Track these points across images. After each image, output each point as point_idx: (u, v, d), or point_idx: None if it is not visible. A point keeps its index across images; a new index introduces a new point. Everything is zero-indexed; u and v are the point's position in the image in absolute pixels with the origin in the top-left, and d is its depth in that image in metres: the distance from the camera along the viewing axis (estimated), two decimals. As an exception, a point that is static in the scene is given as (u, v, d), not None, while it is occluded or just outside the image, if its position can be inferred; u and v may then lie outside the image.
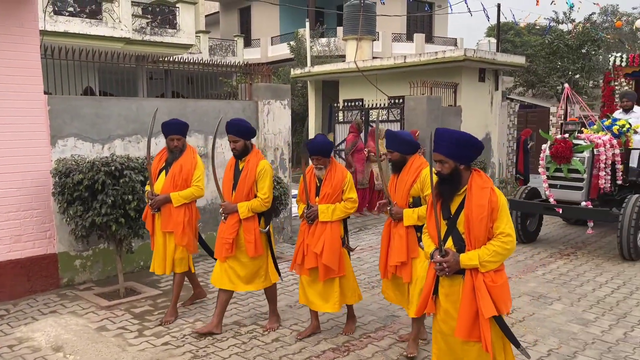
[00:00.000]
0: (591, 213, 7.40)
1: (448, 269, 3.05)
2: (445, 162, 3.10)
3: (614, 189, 7.83)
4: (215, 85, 8.91)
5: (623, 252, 7.08)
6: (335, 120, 13.39)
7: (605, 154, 7.37)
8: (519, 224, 8.07)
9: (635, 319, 5.17)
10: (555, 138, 7.49)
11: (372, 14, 16.48)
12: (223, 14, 31.17)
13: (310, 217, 4.60)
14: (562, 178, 7.50)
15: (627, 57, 9.92)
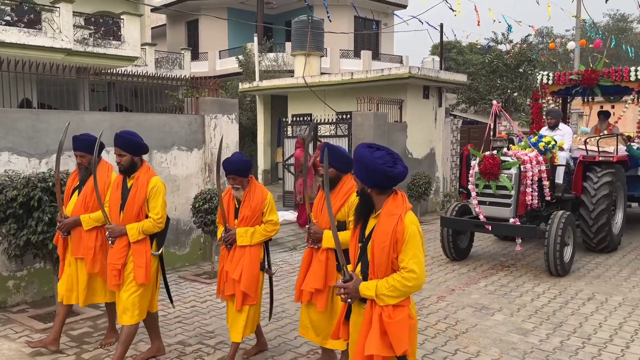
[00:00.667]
0: (519, 230, 7.35)
1: (347, 296, 2.88)
2: (356, 181, 3.01)
3: (542, 205, 7.87)
4: (161, 99, 8.76)
5: (550, 268, 7.13)
6: (284, 135, 13.41)
7: (531, 171, 7.38)
8: (450, 242, 8.02)
9: (571, 327, 5.40)
10: (484, 155, 7.43)
11: (320, 31, 16.68)
12: (170, 27, 30.73)
13: (228, 241, 4.36)
14: (491, 195, 7.44)
15: (553, 75, 10.13)
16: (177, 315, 5.78)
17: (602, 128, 10.55)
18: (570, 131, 9.00)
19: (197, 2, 28.05)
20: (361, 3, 22.89)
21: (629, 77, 9.27)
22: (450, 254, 8.12)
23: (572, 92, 10.33)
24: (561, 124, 8.88)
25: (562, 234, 7.02)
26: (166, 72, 16.66)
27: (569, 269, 7.34)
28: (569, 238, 7.37)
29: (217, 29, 27.55)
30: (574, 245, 7.48)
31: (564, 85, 10.02)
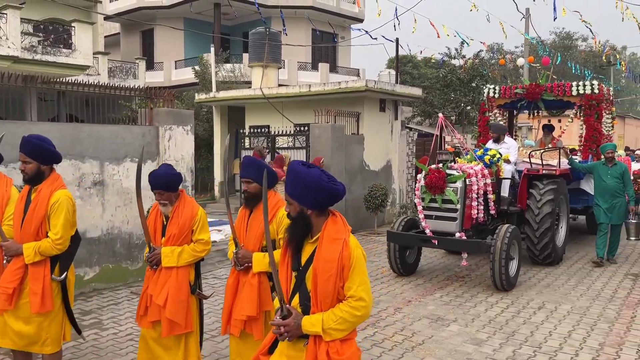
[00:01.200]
0: (464, 244, 7.27)
1: (287, 334, 2.55)
2: (291, 202, 2.65)
3: (487, 219, 7.81)
4: (114, 109, 8.52)
5: (495, 283, 7.05)
6: (242, 146, 13.30)
7: (477, 184, 7.34)
8: (397, 257, 7.84)
9: (523, 336, 5.53)
10: (429, 168, 7.33)
11: (277, 43, 16.71)
12: (124, 36, 30.13)
13: (152, 262, 3.97)
14: (437, 209, 7.30)
15: (499, 89, 10.28)
16: (128, 332, 5.59)
17: (546, 141, 10.74)
18: (515, 144, 9.09)
19: (152, 12, 27.64)
20: (318, 16, 23.13)
21: (571, 92, 9.47)
22: (397, 269, 7.96)
23: (517, 105, 10.51)
24: (506, 137, 8.99)
25: (507, 248, 6.94)
26: (120, 82, 16.29)
27: (515, 282, 7.33)
28: (515, 252, 7.32)
29: (173, 39, 27.21)
30: (519, 259, 7.46)
31: (510, 99, 10.18)
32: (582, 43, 46.19)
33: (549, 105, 10.58)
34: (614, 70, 35.89)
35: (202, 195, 17.67)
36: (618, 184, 8.46)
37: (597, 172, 8.69)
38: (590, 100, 9.42)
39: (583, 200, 10.12)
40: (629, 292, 7.11)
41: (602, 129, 9.68)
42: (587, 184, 9.74)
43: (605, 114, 9.85)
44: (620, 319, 6.03)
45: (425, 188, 7.29)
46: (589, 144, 9.64)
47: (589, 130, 9.59)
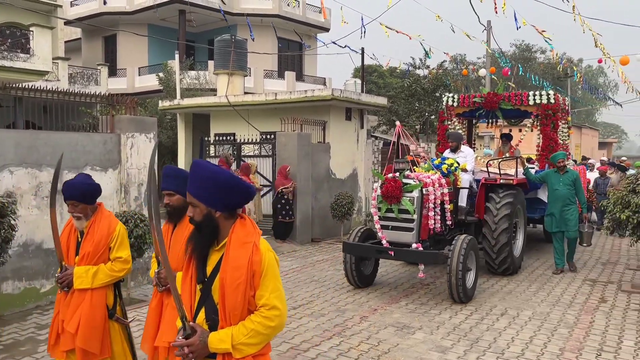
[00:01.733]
0: (421, 256, 7.01)
1: (192, 355, 2.27)
2: (197, 205, 2.37)
3: (445, 229, 7.66)
4: (75, 116, 8.28)
5: (452, 295, 6.88)
6: (207, 154, 13.14)
7: (434, 194, 7.17)
8: (353, 269, 7.58)
9: (486, 343, 5.59)
10: (386, 177, 7.11)
11: (243, 50, 16.63)
12: (85, 41, 29.48)
13: (63, 284, 3.59)
14: (394, 219, 7.10)
15: (458, 97, 10.22)
16: (87, 347, 5.39)
17: (504, 150, 10.75)
18: (472, 153, 9.03)
19: (115, 17, 27.18)
20: (284, 25, 23.17)
21: (528, 101, 9.54)
22: (353, 281, 7.71)
23: (476, 114, 10.52)
24: (463, 146, 8.86)
25: (464, 260, 6.76)
26: (81, 88, 15.90)
27: (472, 294, 7.17)
28: (472, 263, 7.17)
29: (136, 45, 26.78)
30: (477, 270, 7.32)
31: (468, 108, 10.16)
32: (540, 55, 47.64)
33: (507, 115, 10.63)
34: (570, 81, 37.12)
35: (166, 204, 17.34)
36: (570, 191, 8.50)
37: (549, 181, 8.72)
38: (546, 110, 9.51)
39: (540, 210, 10.09)
40: (587, 298, 7.30)
41: (558, 139, 9.77)
42: (544, 193, 9.70)
43: (561, 124, 9.93)
44: (580, 324, 6.17)
45: (382, 198, 7.10)
46: (545, 153, 9.67)
47: (545, 139, 9.67)
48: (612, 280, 8.33)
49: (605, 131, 65.46)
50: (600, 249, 11.13)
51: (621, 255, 10.38)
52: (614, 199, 7.79)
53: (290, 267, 9.26)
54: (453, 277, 6.73)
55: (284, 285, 8.12)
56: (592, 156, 27.17)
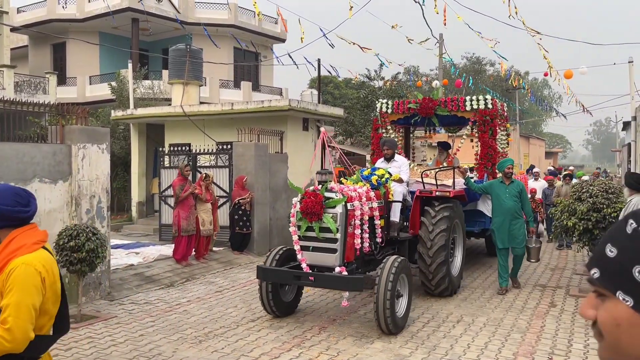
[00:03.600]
0: (343, 282, 6.03)
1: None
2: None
3: (375, 248, 6.86)
4: (21, 126, 7.98)
5: (380, 325, 5.93)
6: (161, 165, 12.90)
7: (360, 209, 6.34)
8: (270, 296, 6.56)
9: (444, 350, 5.69)
10: (305, 191, 6.28)
11: (198, 60, 16.47)
12: (33, 49, 28.49)
13: None
14: (315, 239, 6.20)
15: (392, 103, 9.57)
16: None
17: (441, 159, 10.03)
18: (407, 162, 8.20)
19: (64, 25, 26.42)
20: (240, 35, 23.10)
21: (465, 107, 8.90)
22: (270, 309, 6.68)
23: (411, 121, 9.82)
24: (397, 155, 8.11)
25: (392, 285, 5.88)
26: (28, 97, 15.34)
27: (404, 324, 6.27)
28: (404, 287, 6.31)
29: (87, 54, 26.08)
30: (410, 295, 6.45)
31: (403, 114, 9.50)
32: (490, 67, 49.28)
33: (444, 122, 10.10)
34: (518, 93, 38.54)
35: (119, 216, 16.90)
36: (517, 203, 7.92)
37: (494, 192, 8.05)
38: (484, 116, 8.91)
39: (480, 223, 9.45)
40: (538, 303, 7.54)
41: (497, 146, 9.21)
42: (484, 205, 9.08)
43: (500, 130, 9.42)
44: (531, 329, 6.37)
45: (301, 214, 6.20)
46: (484, 162, 9.08)
47: (483, 147, 9.02)
48: (561, 285, 8.65)
49: (551, 141, 68.19)
50: (549, 254, 11.54)
51: (568, 261, 10.79)
52: (561, 207, 8.12)
53: (247, 279, 9.16)
54: (380, 306, 5.83)
55: (242, 296, 7.98)
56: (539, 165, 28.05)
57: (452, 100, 9.04)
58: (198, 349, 5.66)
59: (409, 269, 6.51)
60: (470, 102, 8.91)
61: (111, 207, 8.30)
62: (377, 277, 5.98)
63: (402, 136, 10.47)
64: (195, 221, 9.99)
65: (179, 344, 5.84)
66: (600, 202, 7.48)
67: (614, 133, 60.20)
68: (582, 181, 9.23)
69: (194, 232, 9.93)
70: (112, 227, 8.53)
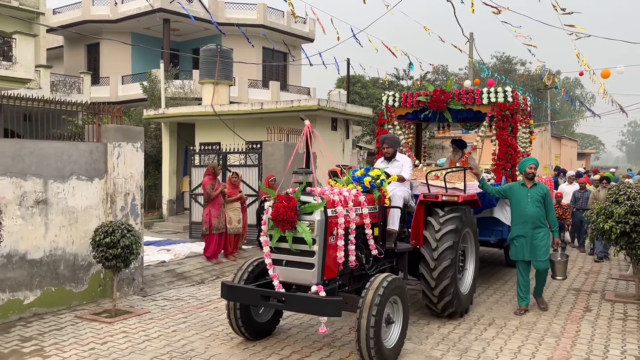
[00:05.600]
0: (313, 305, 4.94)
1: None
2: None
3: (367, 262, 5.90)
4: (57, 125, 8.19)
5: (362, 355, 4.89)
6: (192, 164, 13.07)
7: (345, 215, 5.33)
8: (238, 315, 5.59)
9: (476, 353, 5.61)
10: (278, 194, 5.22)
11: (229, 60, 16.64)
12: (68, 49, 29.22)
13: None
14: (289, 251, 5.18)
15: (400, 96, 8.58)
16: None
17: (456, 159, 9.06)
18: (410, 161, 7.14)
19: (98, 25, 27.02)
20: (270, 35, 23.27)
21: (481, 100, 7.92)
22: (239, 331, 5.71)
23: (421, 116, 8.75)
24: (399, 154, 7.15)
25: (378, 310, 4.85)
26: (63, 97, 15.73)
27: (396, 356, 5.26)
28: (396, 313, 5.32)
29: (120, 54, 26.64)
30: (405, 320, 5.39)
31: (412, 108, 8.48)
32: (520, 67, 48.46)
33: (458, 117, 9.04)
34: (550, 93, 37.81)
35: (150, 213, 17.19)
36: (540, 209, 6.93)
37: (514, 196, 7.07)
38: (503, 110, 7.93)
39: (497, 232, 8.38)
40: (572, 307, 7.38)
41: (517, 145, 8.27)
42: (502, 211, 8.14)
43: (521, 127, 8.47)
44: (566, 333, 6.24)
45: (273, 221, 5.17)
46: (502, 163, 8.08)
47: (501, 146, 8.03)
48: (596, 289, 8.45)
49: (583, 142, 66.72)
50: (583, 258, 11.29)
51: (603, 265, 10.53)
52: (597, 209, 7.92)
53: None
54: (362, 334, 4.82)
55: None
56: (570, 167, 27.19)
57: (467, 93, 8.02)
58: (229, 346, 5.72)
59: (404, 290, 5.36)
60: (487, 94, 7.92)
61: (144, 205, 8.45)
62: (361, 298, 4.97)
63: (412, 133, 9.48)
64: (224, 219, 10.09)
65: (211, 340, 5.91)
66: (639, 205, 7.27)
67: (650, 134, 58.53)
68: (620, 183, 8.99)
69: (224, 230, 10.05)
70: (144, 224, 8.67)
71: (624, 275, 9.40)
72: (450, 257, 6.31)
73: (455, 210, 6.55)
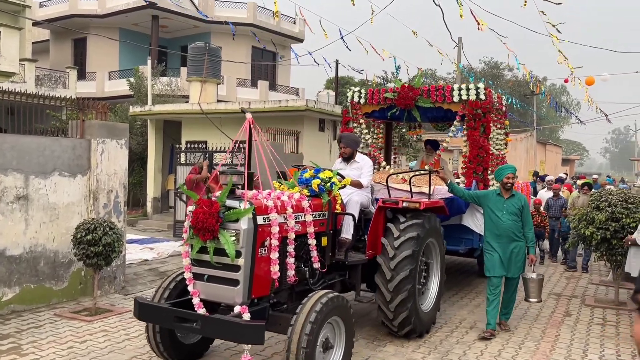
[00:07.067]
0: (230, 330, 4.14)
1: None
2: None
3: (311, 276, 5.17)
4: (41, 119, 8.09)
5: None
6: (177, 162, 12.99)
7: (283, 224, 4.67)
8: (157, 336, 4.80)
9: (456, 356, 5.65)
10: (200, 198, 4.47)
11: (217, 58, 16.57)
12: (54, 43, 28.88)
13: None
14: (210, 263, 4.42)
15: (365, 92, 8.04)
16: (51, 358, 5.23)
17: (428, 161, 8.48)
18: (370, 165, 6.39)
19: (85, 20, 26.74)
20: (259, 34, 23.20)
21: (452, 97, 7.38)
22: (161, 354, 4.92)
23: (388, 114, 8.13)
24: (359, 155, 6.43)
25: (312, 333, 4.16)
26: (48, 91, 15.54)
27: None
28: (337, 335, 4.63)
29: (107, 49, 26.38)
30: (347, 346, 4.69)
31: (379, 106, 7.95)
32: (508, 72, 48.89)
33: (428, 116, 8.32)
34: (536, 99, 38.20)
35: (134, 211, 17.05)
36: (516, 222, 6.23)
37: (488, 206, 6.33)
38: (474, 109, 7.35)
39: (467, 241, 7.79)
40: (553, 311, 7.46)
41: (490, 147, 7.71)
42: (472, 219, 7.50)
43: (495, 128, 7.93)
44: (546, 338, 6.30)
45: (193, 229, 4.44)
46: (473, 166, 7.51)
47: (472, 147, 7.47)
48: (576, 294, 8.54)
49: (568, 148, 67.52)
50: (555, 266, 11.40)
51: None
52: (579, 215, 8.01)
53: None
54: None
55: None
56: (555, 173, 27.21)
57: (437, 89, 7.50)
58: (211, 346, 5.68)
59: (347, 310, 4.65)
60: (458, 91, 7.38)
61: (127, 202, 8.38)
62: (295, 315, 4.29)
63: (382, 133, 8.96)
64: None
65: (192, 340, 5.86)
66: (619, 212, 7.37)
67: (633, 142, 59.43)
68: (602, 190, 9.11)
69: (208, 230, 9.95)
70: (127, 222, 8.60)
71: (604, 281, 9.52)
72: (408, 268, 5.61)
73: (417, 217, 5.93)
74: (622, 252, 7.23)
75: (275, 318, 4.61)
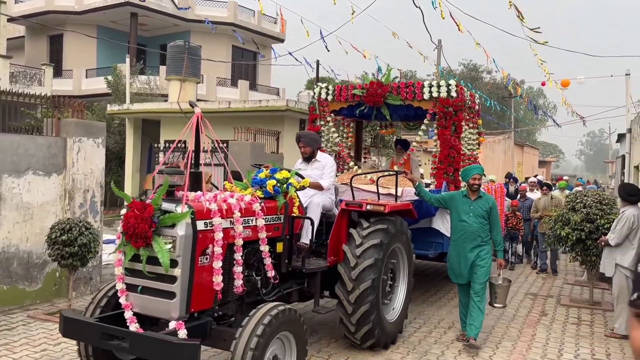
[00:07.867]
0: (160, 350, 3.64)
1: None
2: None
3: (264, 286, 4.75)
4: (15, 117, 7.92)
5: None
6: (156, 161, 12.83)
7: (229, 229, 4.24)
8: (90, 354, 4.22)
9: (434, 356, 5.69)
10: (133, 200, 4.02)
11: (197, 57, 16.44)
12: (29, 39, 28.34)
13: None
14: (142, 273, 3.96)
15: (333, 88, 7.77)
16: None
17: (397, 161, 8.16)
18: (333, 164, 6.05)
19: (62, 16, 26.30)
20: (239, 33, 23.10)
21: (422, 94, 7.09)
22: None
23: (356, 112, 7.74)
24: (320, 154, 6.14)
25: (259, 351, 3.75)
26: (23, 88, 15.23)
27: None
28: (287, 352, 4.21)
29: (84, 46, 25.97)
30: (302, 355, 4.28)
31: (347, 103, 7.66)
32: (486, 75, 49.45)
33: (398, 114, 7.85)
34: (514, 101, 38.71)
35: (112, 211, 16.80)
36: (484, 225, 5.92)
37: (454, 207, 6.05)
38: (445, 107, 7.04)
39: (437, 245, 7.48)
40: (529, 311, 7.56)
41: (461, 147, 7.43)
42: (442, 222, 7.16)
43: (467, 127, 7.70)
44: (522, 337, 6.38)
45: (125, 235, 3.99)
46: (443, 167, 7.22)
47: (443, 147, 7.17)
48: (552, 294, 8.68)
49: (544, 150, 68.60)
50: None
51: (559, 270, 10.82)
52: (555, 216, 8.14)
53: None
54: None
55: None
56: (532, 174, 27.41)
57: (407, 86, 7.21)
58: (188, 348, 5.61)
59: (299, 324, 4.24)
60: (429, 88, 7.08)
61: (104, 202, 8.25)
62: (240, 328, 3.88)
63: (352, 132, 8.67)
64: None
65: (170, 342, 5.78)
66: (594, 213, 7.50)
67: (607, 144, 60.73)
68: (577, 191, 9.27)
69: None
70: (104, 222, 8.47)
71: (579, 281, 9.68)
72: (371, 278, 5.22)
73: (382, 222, 5.52)
74: (597, 252, 7.36)
75: (218, 333, 4.16)
